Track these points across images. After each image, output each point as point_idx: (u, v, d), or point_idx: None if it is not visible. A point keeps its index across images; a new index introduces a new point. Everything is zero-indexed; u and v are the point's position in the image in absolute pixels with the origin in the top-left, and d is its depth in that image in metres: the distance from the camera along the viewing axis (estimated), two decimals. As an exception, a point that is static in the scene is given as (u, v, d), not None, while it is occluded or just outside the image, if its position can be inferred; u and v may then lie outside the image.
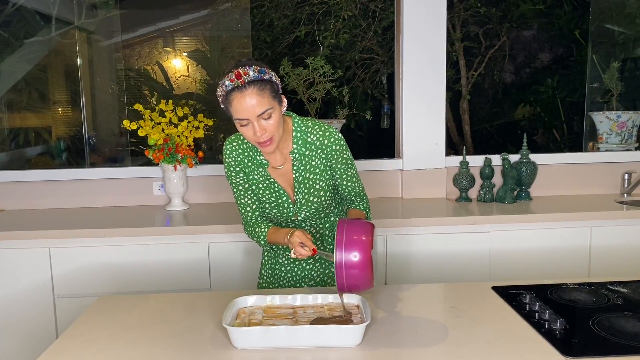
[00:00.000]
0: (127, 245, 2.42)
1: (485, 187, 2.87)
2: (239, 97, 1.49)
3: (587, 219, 2.53)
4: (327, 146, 1.67)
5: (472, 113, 6.03)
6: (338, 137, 1.69)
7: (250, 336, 1.28)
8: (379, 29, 5.60)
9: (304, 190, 1.69)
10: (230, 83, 1.49)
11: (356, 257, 1.34)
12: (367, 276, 1.36)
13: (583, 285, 1.66)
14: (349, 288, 1.39)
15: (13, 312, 2.42)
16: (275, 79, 1.56)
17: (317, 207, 1.72)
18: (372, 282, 1.39)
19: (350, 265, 1.35)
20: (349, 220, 1.44)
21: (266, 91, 1.50)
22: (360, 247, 1.35)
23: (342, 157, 1.70)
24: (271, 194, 1.71)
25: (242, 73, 1.47)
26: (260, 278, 1.92)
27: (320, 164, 1.69)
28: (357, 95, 5.86)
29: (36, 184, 2.98)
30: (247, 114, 1.50)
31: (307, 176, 1.69)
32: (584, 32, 5.40)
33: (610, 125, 3.14)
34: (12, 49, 4.59)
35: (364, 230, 1.39)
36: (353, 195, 1.76)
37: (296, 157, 1.68)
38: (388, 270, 2.48)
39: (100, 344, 1.36)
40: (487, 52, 5.80)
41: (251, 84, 1.48)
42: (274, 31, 5.79)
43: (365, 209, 1.77)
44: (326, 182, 1.70)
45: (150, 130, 2.72)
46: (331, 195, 1.74)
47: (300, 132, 1.67)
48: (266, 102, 1.50)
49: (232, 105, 1.51)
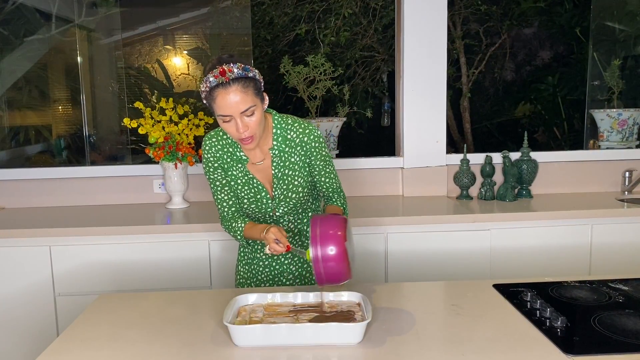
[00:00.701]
0: (128, 244, 2.42)
1: (486, 185, 2.87)
2: (223, 93, 1.50)
3: (588, 217, 2.52)
4: (306, 143, 1.69)
5: (472, 111, 6.03)
6: (317, 134, 1.71)
7: (251, 334, 1.28)
8: (380, 27, 5.60)
9: (282, 186, 1.71)
10: (214, 79, 1.50)
11: (332, 251, 1.38)
12: (343, 268, 1.40)
13: (584, 283, 1.66)
14: (328, 281, 1.41)
15: (14, 310, 2.42)
16: (258, 76, 1.57)
17: (295, 203, 1.74)
18: (349, 273, 1.42)
19: (327, 259, 1.38)
20: (322, 216, 1.47)
21: (250, 88, 1.52)
22: (334, 241, 1.38)
23: (320, 154, 1.72)
24: (250, 189, 1.73)
25: (227, 70, 1.49)
26: (237, 274, 1.92)
27: (299, 161, 1.71)
28: (357, 93, 5.86)
29: (37, 182, 2.98)
30: (230, 111, 1.51)
31: (286, 172, 1.71)
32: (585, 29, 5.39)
33: (611, 123, 3.14)
34: (12, 47, 4.58)
35: (337, 225, 1.42)
36: (331, 192, 1.78)
37: (276, 153, 1.70)
38: (389, 269, 2.48)
39: (100, 342, 1.36)
40: (487, 50, 5.80)
41: (235, 81, 1.49)
42: (274, 29, 5.79)
43: (342, 205, 1.79)
44: (304, 178, 1.72)
45: (150, 128, 2.72)
46: (309, 192, 1.76)
47: (281, 129, 1.69)
48: (249, 99, 1.52)
49: (216, 101, 1.52)
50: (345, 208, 1.79)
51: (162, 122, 2.74)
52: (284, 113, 1.75)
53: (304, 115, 3.32)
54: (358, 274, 2.45)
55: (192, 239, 2.43)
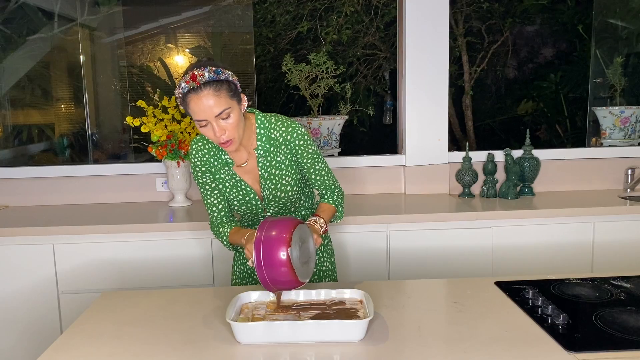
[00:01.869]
0: (131, 242, 2.43)
1: (488, 183, 2.87)
2: (196, 98, 1.49)
3: (590, 215, 2.52)
4: (290, 142, 1.67)
5: (474, 109, 6.02)
6: (301, 132, 1.68)
7: (254, 331, 1.29)
8: (381, 25, 5.60)
9: (270, 186, 1.70)
10: (185, 85, 1.49)
11: (275, 256, 1.34)
12: (286, 274, 1.35)
13: (586, 280, 1.66)
14: (275, 286, 1.38)
15: (17, 308, 2.44)
16: (232, 78, 1.55)
17: (285, 202, 1.73)
18: (294, 279, 1.37)
19: (269, 265, 1.35)
20: (271, 219, 1.44)
21: (222, 91, 1.50)
22: (277, 246, 1.35)
23: (307, 151, 1.69)
24: (238, 192, 1.72)
25: (198, 75, 1.48)
26: (233, 274, 1.93)
27: (285, 159, 1.69)
28: (359, 91, 5.86)
29: (40, 181, 2.99)
30: (204, 115, 1.50)
31: (273, 172, 1.69)
32: (587, 27, 5.39)
33: (613, 120, 3.14)
34: (15, 46, 4.59)
35: (283, 229, 1.38)
36: (324, 189, 1.75)
37: (261, 153, 1.68)
38: (391, 266, 2.48)
39: (104, 339, 1.36)
40: (489, 48, 5.79)
41: (207, 85, 1.48)
42: (276, 27, 5.79)
43: (335, 202, 1.76)
44: (292, 176, 1.71)
45: (153, 126, 2.72)
46: (299, 190, 1.75)
47: (264, 128, 1.68)
48: (223, 102, 1.50)
49: (190, 106, 1.51)
50: (338, 206, 1.76)
51: (164, 120, 2.75)
52: (286, 112, 1.75)
53: (306, 114, 3.32)
54: (360, 271, 2.47)
55: (195, 236, 2.43)
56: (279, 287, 1.40)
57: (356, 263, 2.47)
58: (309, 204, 1.85)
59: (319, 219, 1.65)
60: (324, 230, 1.65)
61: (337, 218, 1.79)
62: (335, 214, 1.76)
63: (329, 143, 3.15)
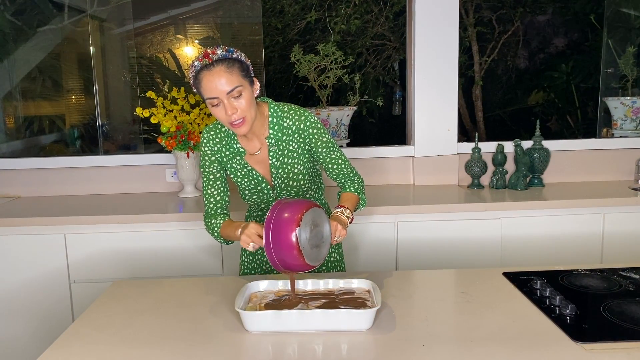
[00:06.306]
0: (141, 232, 2.45)
1: (498, 174, 2.86)
2: (208, 75, 1.50)
3: (601, 206, 2.51)
4: (303, 130, 1.67)
5: (484, 99, 5.98)
6: (314, 120, 1.68)
7: (263, 320, 1.30)
8: (391, 15, 5.57)
9: (282, 175, 1.69)
10: (198, 63, 1.51)
11: (282, 238, 1.33)
12: (292, 255, 1.34)
13: (594, 271, 1.65)
14: (283, 267, 1.38)
15: (30, 297, 2.47)
16: (245, 59, 1.56)
17: (296, 192, 1.73)
18: (301, 261, 1.35)
19: (278, 246, 1.34)
20: (284, 200, 1.43)
21: (235, 69, 1.51)
22: (285, 227, 1.34)
23: (321, 140, 1.68)
24: (250, 181, 1.72)
25: (210, 52, 1.50)
26: (242, 264, 1.93)
27: (298, 148, 1.68)
28: (368, 81, 5.84)
29: (51, 171, 3.01)
30: (216, 92, 1.50)
31: (284, 161, 1.68)
32: (600, 16, 5.32)
33: (625, 111, 3.11)
34: (26, 38, 4.62)
35: (296, 209, 1.36)
36: (342, 178, 1.73)
37: (272, 142, 1.68)
38: (399, 257, 2.49)
39: (115, 327, 1.38)
40: (500, 38, 5.74)
41: (219, 62, 1.49)
42: (285, 17, 5.77)
43: (357, 190, 1.72)
44: (304, 165, 1.70)
45: (162, 117, 2.74)
46: (310, 179, 1.74)
47: (277, 117, 1.67)
48: (235, 79, 1.50)
49: (202, 84, 1.52)
50: (360, 193, 1.73)
51: (174, 111, 2.76)
52: (294, 103, 1.74)
53: (314, 104, 3.32)
54: (369, 262, 2.48)
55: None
56: (287, 268, 1.39)
57: (364, 254, 2.48)
58: (318, 195, 1.85)
59: (345, 210, 1.60)
60: (351, 220, 1.61)
61: (361, 206, 1.74)
62: (358, 203, 1.72)
63: (337, 134, 3.15)
